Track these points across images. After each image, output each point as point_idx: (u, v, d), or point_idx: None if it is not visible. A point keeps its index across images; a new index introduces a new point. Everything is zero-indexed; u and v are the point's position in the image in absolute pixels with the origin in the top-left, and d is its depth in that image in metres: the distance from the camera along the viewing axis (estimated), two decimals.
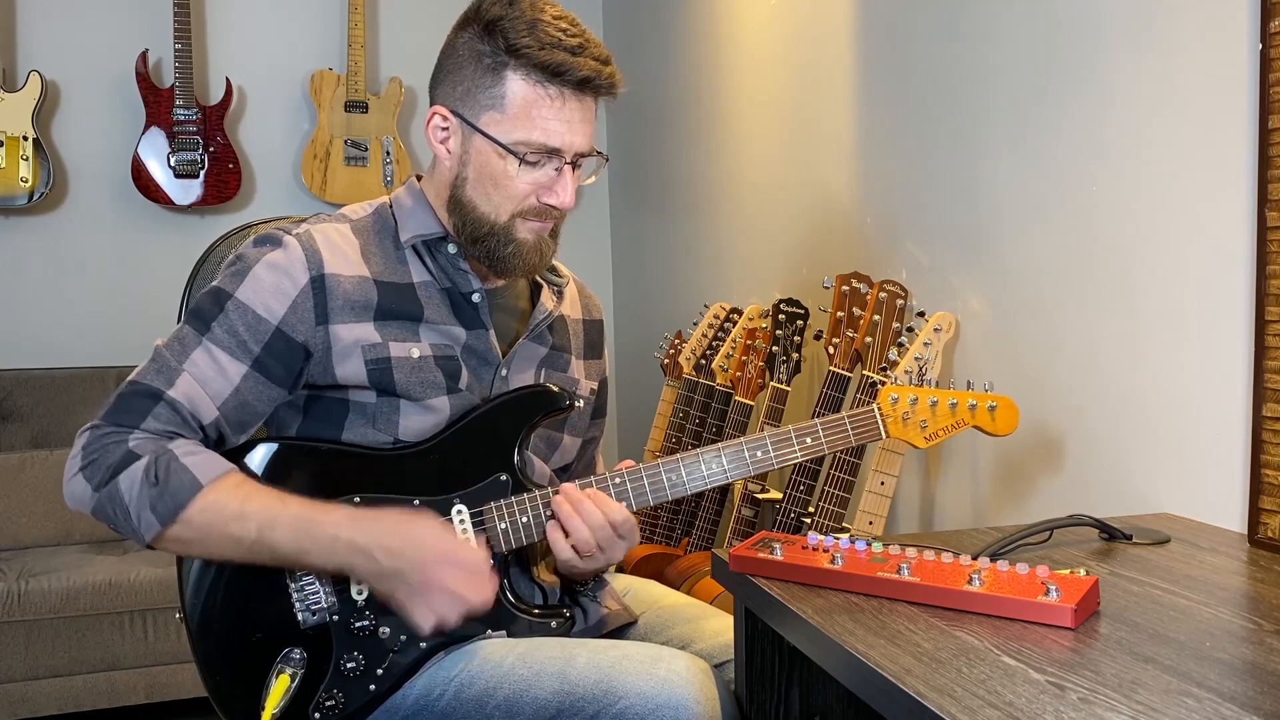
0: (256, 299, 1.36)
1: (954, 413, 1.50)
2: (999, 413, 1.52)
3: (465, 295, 1.44)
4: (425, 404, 1.39)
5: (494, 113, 1.37)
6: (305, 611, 1.35)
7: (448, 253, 1.44)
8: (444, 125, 1.42)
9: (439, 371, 1.40)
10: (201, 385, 1.34)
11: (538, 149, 1.36)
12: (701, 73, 3.13)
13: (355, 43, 3.65)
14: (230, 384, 1.35)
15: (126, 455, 1.28)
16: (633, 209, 3.80)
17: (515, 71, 1.35)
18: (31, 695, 2.80)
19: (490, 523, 1.38)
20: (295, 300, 1.36)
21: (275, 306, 1.35)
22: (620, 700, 1.21)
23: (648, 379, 3.41)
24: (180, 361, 1.34)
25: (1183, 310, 1.55)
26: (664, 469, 1.42)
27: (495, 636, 1.37)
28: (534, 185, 1.38)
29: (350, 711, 1.34)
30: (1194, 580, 1.21)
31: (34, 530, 3.11)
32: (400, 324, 1.40)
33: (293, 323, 1.36)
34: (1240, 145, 1.43)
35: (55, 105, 3.48)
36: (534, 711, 1.25)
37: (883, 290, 2.05)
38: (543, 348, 1.51)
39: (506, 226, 1.40)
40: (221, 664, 1.37)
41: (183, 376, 1.33)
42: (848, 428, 1.46)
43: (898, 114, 2.21)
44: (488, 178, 1.39)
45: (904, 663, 0.95)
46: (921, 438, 1.49)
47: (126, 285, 3.55)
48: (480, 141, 1.38)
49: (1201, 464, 1.52)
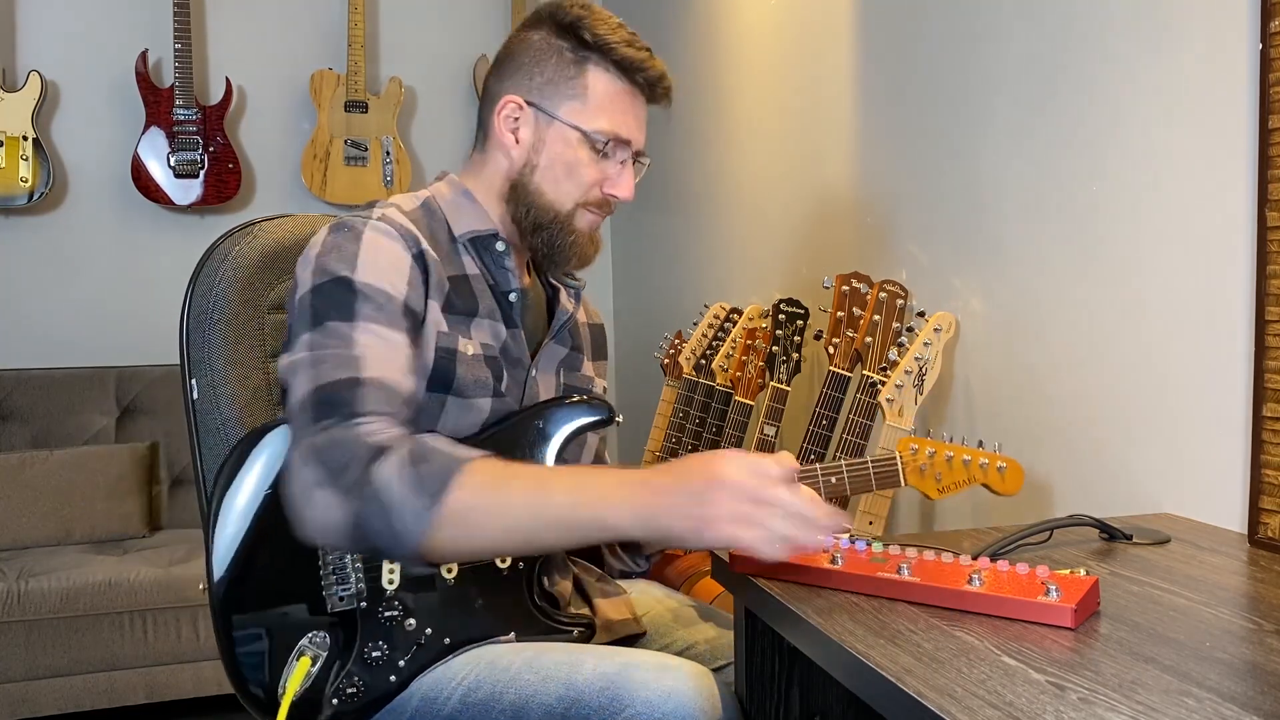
0: (379, 277, 1.31)
1: (967, 469, 1.63)
2: (1007, 474, 1.64)
3: (505, 294, 1.46)
4: (471, 403, 1.38)
5: (575, 103, 1.42)
6: (334, 596, 1.34)
7: (496, 250, 1.46)
8: (516, 115, 1.44)
9: (488, 371, 1.40)
10: (383, 362, 1.26)
11: (614, 139, 1.43)
12: (702, 72, 3.13)
13: (355, 43, 3.65)
14: (404, 353, 1.29)
15: (373, 449, 1.17)
16: (633, 209, 3.80)
17: (598, 66, 1.43)
18: (31, 695, 2.80)
19: None
20: (409, 276, 1.34)
21: (397, 282, 1.32)
22: (626, 709, 1.21)
23: (648, 379, 3.40)
24: (349, 348, 1.25)
25: (1183, 310, 1.55)
26: None
27: (503, 640, 1.37)
28: (601, 176, 1.44)
29: (368, 700, 1.33)
30: (1194, 580, 1.21)
31: (34, 530, 3.11)
32: (459, 318, 1.40)
33: (411, 296, 1.33)
34: (1240, 145, 1.43)
35: (55, 105, 3.48)
36: (540, 717, 1.25)
37: (883, 290, 2.05)
38: (564, 348, 1.53)
39: (569, 215, 1.44)
40: (244, 642, 1.35)
41: (363, 360, 1.24)
42: (870, 473, 1.58)
43: (898, 114, 2.21)
44: (560, 165, 1.43)
45: (904, 663, 0.95)
46: (935, 490, 1.61)
47: (126, 285, 3.55)
48: (559, 130, 1.43)
49: (1201, 464, 1.52)
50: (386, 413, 1.23)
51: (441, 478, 1.15)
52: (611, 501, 1.15)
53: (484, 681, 1.30)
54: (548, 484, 1.20)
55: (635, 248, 3.80)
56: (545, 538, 1.20)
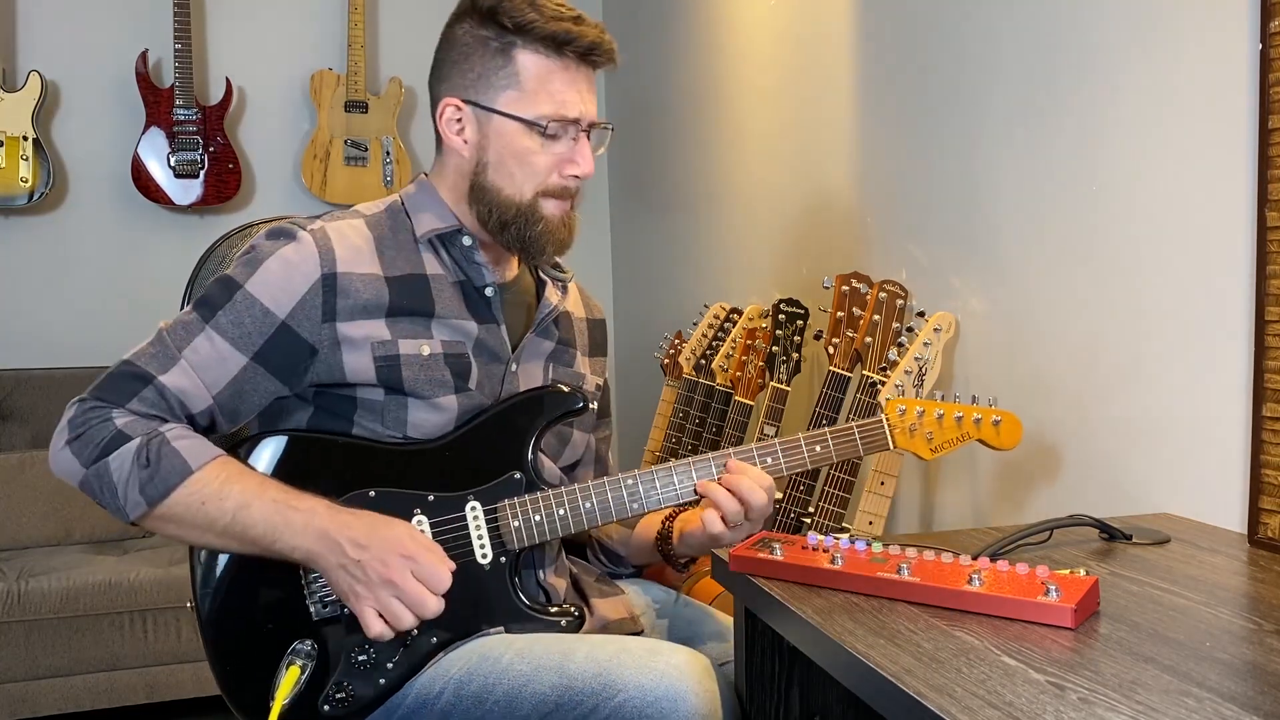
0: (265, 292, 1.36)
1: (959, 426, 1.53)
2: (1003, 427, 1.54)
3: (479, 289, 1.45)
4: (433, 402, 1.39)
5: (511, 91, 1.40)
6: (317, 604, 1.35)
7: (462, 245, 1.45)
8: (457, 116, 1.44)
9: (447, 370, 1.40)
10: (198, 373, 1.35)
11: (558, 119, 1.40)
12: (702, 72, 3.13)
13: (355, 43, 3.65)
14: (229, 373, 1.36)
15: (117, 434, 1.30)
16: (633, 209, 3.80)
17: (524, 49, 1.39)
18: (31, 695, 2.80)
19: (504, 520, 1.39)
20: (304, 297, 1.36)
21: (284, 301, 1.36)
22: (619, 693, 1.21)
23: (648, 379, 3.40)
24: (180, 348, 1.35)
25: (1183, 310, 1.55)
26: (656, 475, 1.43)
27: (493, 633, 1.37)
28: (555, 159, 1.42)
29: (359, 705, 1.34)
30: (1194, 580, 1.21)
31: (34, 530, 3.12)
32: (412, 320, 1.40)
33: (299, 319, 1.36)
34: (1240, 145, 1.43)
35: (55, 105, 3.48)
36: (533, 706, 1.25)
37: (883, 290, 2.05)
38: (549, 342, 1.52)
39: (532, 205, 1.42)
40: (232, 654, 1.38)
41: (179, 364, 1.35)
42: (856, 438, 1.48)
43: (898, 114, 2.21)
44: (510, 157, 1.41)
45: (904, 663, 0.95)
46: (927, 449, 1.52)
47: (126, 285, 3.55)
48: (500, 123, 1.41)
49: (1201, 464, 1.52)
50: (154, 415, 1.33)
51: (162, 486, 1.29)
52: (295, 544, 1.29)
53: (476, 674, 1.30)
54: (249, 509, 1.30)
55: (635, 248, 3.80)
56: (245, 552, 1.34)
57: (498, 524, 1.39)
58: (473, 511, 1.38)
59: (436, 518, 1.38)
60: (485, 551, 1.38)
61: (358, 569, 1.28)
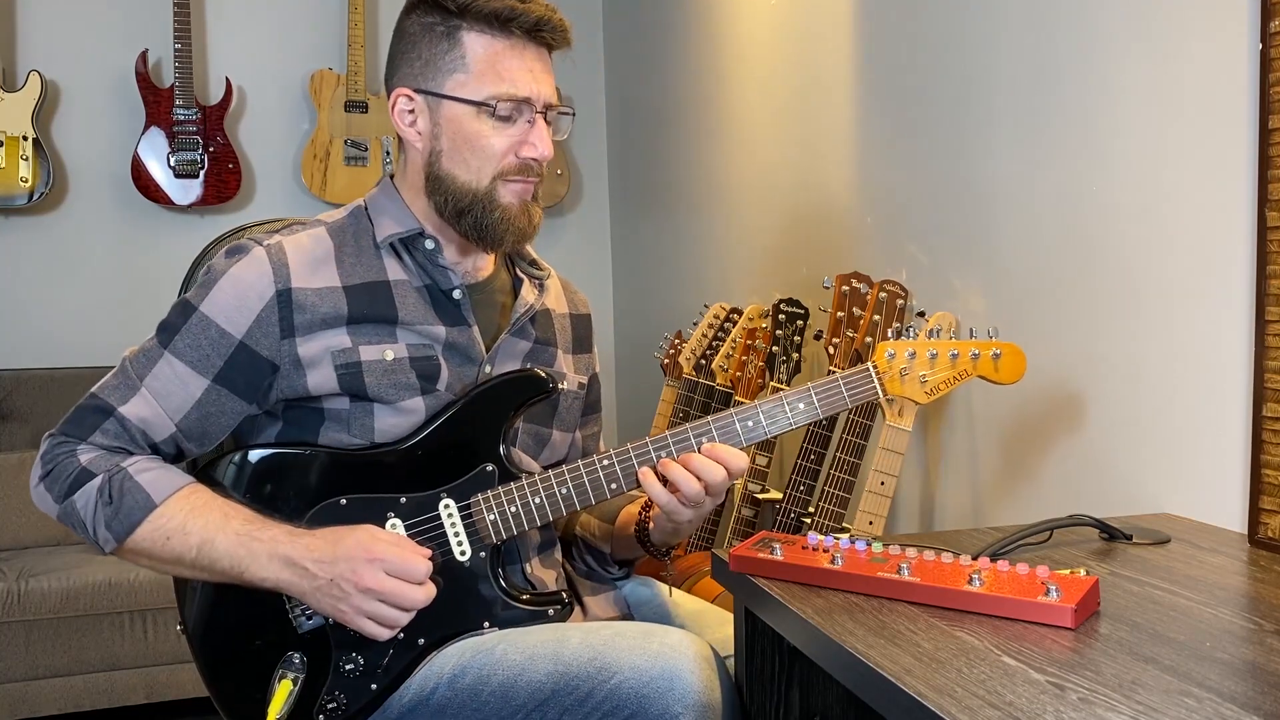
0: (220, 313, 1.35)
1: (955, 364, 1.41)
2: (1003, 361, 1.41)
3: (446, 292, 1.43)
4: (398, 406, 1.37)
5: (459, 75, 1.37)
6: (301, 617, 1.35)
7: (425, 249, 1.43)
8: (409, 107, 1.41)
9: (413, 373, 1.38)
10: (160, 400, 1.35)
11: (508, 99, 1.37)
12: (701, 73, 3.13)
13: (355, 43, 3.65)
14: (191, 398, 1.35)
15: (81, 472, 1.32)
16: (632, 209, 3.80)
17: (469, 30, 1.37)
18: (31, 695, 2.80)
19: (479, 515, 1.37)
20: (260, 315, 1.35)
21: (239, 320, 1.35)
22: (615, 675, 1.21)
23: (648, 379, 3.41)
24: (141, 376, 1.36)
25: (1183, 310, 1.55)
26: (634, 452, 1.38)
27: (489, 631, 1.36)
28: (510, 141, 1.39)
29: (353, 711, 1.34)
30: (1194, 580, 1.21)
31: (34, 530, 3.12)
32: (375, 327, 1.38)
33: (257, 337, 1.35)
34: (1240, 145, 1.43)
35: (55, 105, 3.48)
36: (529, 694, 1.25)
37: (883, 290, 2.05)
38: (526, 342, 1.48)
39: (489, 191, 1.39)
40: (225, 672, 1.38)
41: (140, 393, 1.35)
42: (842, 389, 1.38)
43: (898, 114, 2.21)
44: (463, 143, 1.38)
45: (904, 663, 0.95)
46: (922, 393, 1.41)
47: (126, 285, 3.55)
48: (450, 108, 1.38)
49: (1201, 464, 1.52)
50: (118, 447, 1.35)
51: (126, 522, 1.31)
52: (263, 575, 1.31)
53: (470, 667, 1.30)
54: (214, 544, 1.31)
55: (635, 248, 3.80)
56: (220, 581, 1.34)
57: (473, 519, 1.37)
58: (447, 509, 1.37)
59: (411, 519, 1.36)
60: (464, 548, 1.36)
61: (332, 587, 1.29)
